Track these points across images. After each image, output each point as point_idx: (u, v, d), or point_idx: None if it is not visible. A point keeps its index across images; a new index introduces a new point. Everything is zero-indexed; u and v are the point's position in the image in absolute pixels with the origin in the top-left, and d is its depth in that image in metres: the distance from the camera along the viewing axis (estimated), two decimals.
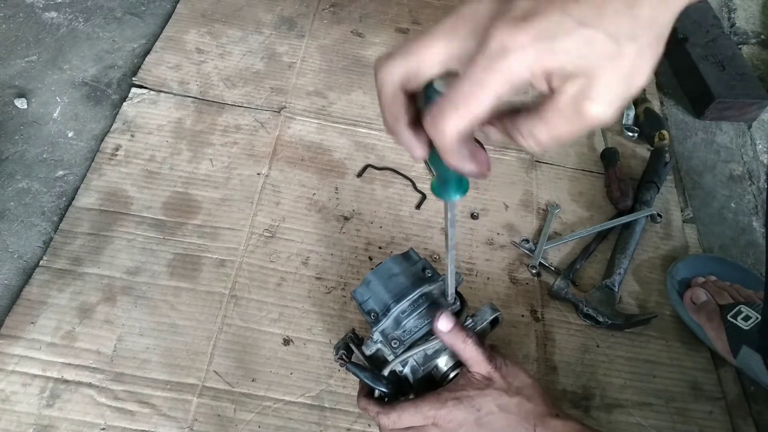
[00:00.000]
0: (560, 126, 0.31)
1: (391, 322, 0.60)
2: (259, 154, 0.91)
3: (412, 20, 1.14)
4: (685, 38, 1.12)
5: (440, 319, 0.57)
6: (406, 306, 0.60)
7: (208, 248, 0.81)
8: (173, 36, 1.04)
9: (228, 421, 0.69)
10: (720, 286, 0.79)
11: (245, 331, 0.75)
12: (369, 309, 0.61)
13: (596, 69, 0.28)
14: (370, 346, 0.60)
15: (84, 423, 0.67)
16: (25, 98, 0.93)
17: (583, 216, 0.91)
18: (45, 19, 1.04)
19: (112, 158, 0.88)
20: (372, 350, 0.61)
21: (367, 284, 0.62)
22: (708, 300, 0.77)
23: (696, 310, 0.78)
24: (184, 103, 0.96)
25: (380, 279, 0.62)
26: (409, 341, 0.59)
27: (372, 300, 0.62)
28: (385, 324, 0.59)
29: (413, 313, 0.60)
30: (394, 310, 0.59)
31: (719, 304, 0.76)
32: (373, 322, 0.60)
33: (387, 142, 0.95)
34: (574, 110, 0.30)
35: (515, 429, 0.55)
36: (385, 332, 0.60)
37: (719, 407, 0.76)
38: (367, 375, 0.59)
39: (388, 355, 0.59)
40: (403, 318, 0.60)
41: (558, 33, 0.28)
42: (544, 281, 0.83)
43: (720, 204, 0.97)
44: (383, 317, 0.59)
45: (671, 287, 0.82)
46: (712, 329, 0.75)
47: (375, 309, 0.61)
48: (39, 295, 0.75)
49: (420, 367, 0.60)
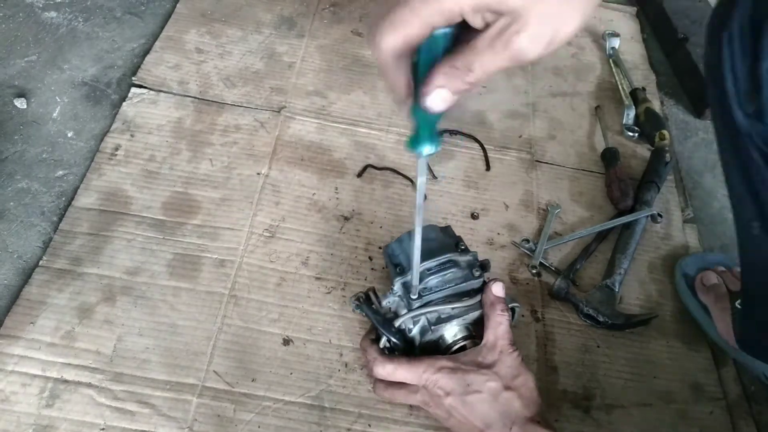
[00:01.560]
0: (491, 58, 0.35)
1: (415, 277, 0.60)
2: (259, 154, 0.91)
3: None
4: (685, 38, 1.12)
5: (496, 283, 0.58)
6: (433, 266, 0.61)
7: (208, 248, 0.81)
8: (173, 36, 1.04)
9: (228, 421, 0.69)
10: (734, 275, 0.79)
11: (245, 331, 0.75)
12: (397, 262, 0.62)
13: (522, 9, 0.32)
14: (389, 297, 0.61)
15: (84, 423, 0.67)
16: (25, 98, 0.93)
17: (584, 216, 0.91)
18: (44, 19, 1.04)
19: (112, 158, 0.88)
20: (389, 302, 0.61)
21: (401, 242, 0.64)
22: (719, 284, 0.78)
23: (705, 291, 0.78)
24: (184, 103, 0.95)
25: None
26: (427, 299, 0.60)
27: (401, 256, 0.63)
28: (408, 277, 0.60)
29: (437, 274, 0.61)
30: (420, 267, 0.59)
31: (730, 289, 0.76)
32: (398, 274, 0.61)
33: (387, 142, 0.95)
34: (503, 43, 0.33)
35: (493, 419, 0.55)
36: (406, 284, 0.61)
37: (720, 407, 0.75)
38: (378, 319, 0.60)
39: (402, 309, 0.60)
40: (427, 275, 0.61)
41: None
42: (544, 281, 0.83)
43: (720, 204, 0.97)
44: (408, 271, 0.60)
45: (680, 277, 0.83)
46: (718, 309, 0.76)
47: (402, 263, 0.62)
48: (38, 295, 0.74)
49: (429, 328, 0.60)
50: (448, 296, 0.61)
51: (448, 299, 0.61)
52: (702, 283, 0.79)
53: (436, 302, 0.60)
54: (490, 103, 1.02)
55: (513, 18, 0.33)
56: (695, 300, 0.80)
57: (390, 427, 0.70)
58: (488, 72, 0.36)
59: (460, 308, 0.61)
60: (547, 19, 0.33)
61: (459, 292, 0.64)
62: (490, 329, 0.59)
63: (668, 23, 1.16)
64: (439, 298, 0.61)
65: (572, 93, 1.07)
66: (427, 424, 0.71)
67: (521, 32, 0.33)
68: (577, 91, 1.07)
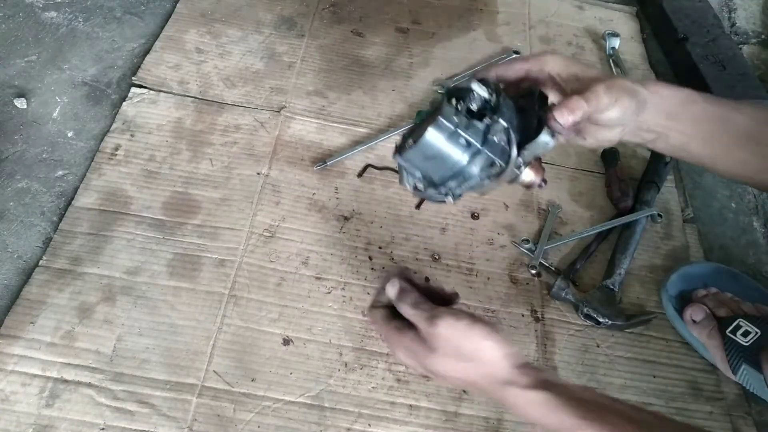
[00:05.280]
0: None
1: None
2: (259, 154, 0.91)
3: (412, 20, 1.14)
4: (685, 38, 1.12)
5: (388, 285, 0.59)
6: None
7: (208, 248, 0.81)
8: (173, 36, 1.04)
9: (227, 421, 0.69)
10: (720, 299, 0.77)
11: (245, 330, 0.75)
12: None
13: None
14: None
15: (83, 423, 0.67)
16: (25, 98, 0.93)
17: (584, 216, 0.91)
18: (44, 19, 1.04)
19: (112, 158, 0.88)
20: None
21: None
22: (708, 317, 0.76)
23: (696, 327, 0.77)
24: (184, 103, 0.96)
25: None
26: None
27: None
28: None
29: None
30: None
31: (718, 316, 0.75)
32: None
33: (387, 142, 0.95)
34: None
35: (471, 388, 0.55)
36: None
37: (719, 407, 0.75)
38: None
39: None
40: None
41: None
42: (544, 281, 0.83)
43: (720, 204, 0.97)
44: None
45: (666, 302, 0.81)
46: (713, 347, 0.75)
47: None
48: (38, 295, 0.75)
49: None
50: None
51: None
52: (691, 319, 0.77)
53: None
54: None
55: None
56: (686, 326, 0.78)
57: (390, 427, 0.70)
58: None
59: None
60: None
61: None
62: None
63: (668, 23, 1.16)
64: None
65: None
66: (427, 424, 0.71)
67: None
68: None
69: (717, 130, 0.58)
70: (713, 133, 0.58)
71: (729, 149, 0.59)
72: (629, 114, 0.54)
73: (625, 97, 0.53)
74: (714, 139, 0.58)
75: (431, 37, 1.12)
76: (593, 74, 0.55)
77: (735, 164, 0.60)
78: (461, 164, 0.51)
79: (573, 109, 0.51)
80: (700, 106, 0.57)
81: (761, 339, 0.71)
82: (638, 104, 0.55)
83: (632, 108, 0.54)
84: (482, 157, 0.50)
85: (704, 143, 0.58)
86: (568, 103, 0.51)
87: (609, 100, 0.52)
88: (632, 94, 0.54)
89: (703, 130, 0.57)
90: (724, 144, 0.58)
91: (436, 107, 0.52)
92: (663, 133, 0.57)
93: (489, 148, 0.50)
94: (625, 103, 0.53)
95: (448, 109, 0.49)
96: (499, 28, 1.15)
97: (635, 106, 0.54)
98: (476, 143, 0.50)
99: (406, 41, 1.10)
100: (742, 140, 0.58)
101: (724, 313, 0.75)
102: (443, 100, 0.51)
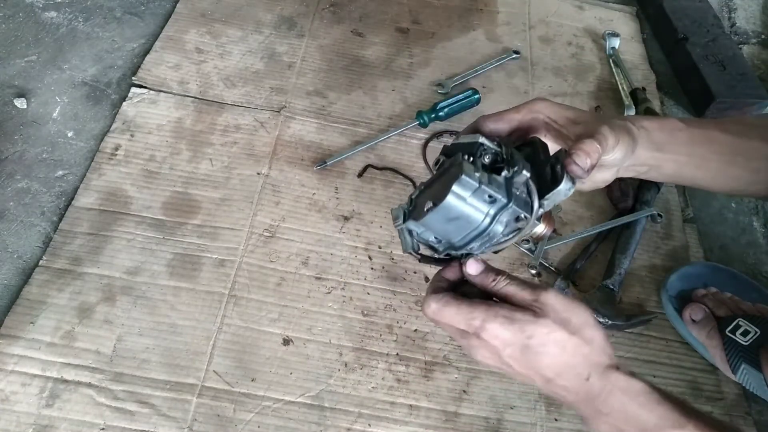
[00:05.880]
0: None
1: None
2: (259, 154, 0.91)
3: (412, 20, 1.14)
4: (685, 38, 1.12)
5: (469, 264, 0.51)
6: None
7: (208, 248, 0.81)
8: (173, 36, 1.04)
9: (227, 421, 0.69)
10: (720, 299, 0.77)
11: (245, 331, 0.75)
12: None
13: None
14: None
15: (83, 423, 0.67)
16: (25, 98, 0.93)
17: (583, 216, 0.91)
18: (44, 19, 1.04)
19: (112, 158, 0.88)
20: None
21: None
22: (707, 317, 0.76)
23: (695, 327, 0.77)
24: (184, 103, 0.96)
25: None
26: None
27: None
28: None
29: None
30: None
31: (717, 316, 0.75)
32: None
33: (387, 142, 0.95)
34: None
35: (564, 371, 0.49)
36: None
37: (719, 407, 0.76)
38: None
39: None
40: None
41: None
42: (544, 281, 0.83)
43: (720, 204, 0.97)
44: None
45: (666, 302, 0.81)
46: (713, 347, 0.75)
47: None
48: (38, 295, 0.75)
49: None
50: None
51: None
52: (691, 319, 0.77)
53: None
54: (490, 103, 1.02)
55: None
56: (686, 330, 0.78)
57: (390, 427, 0.70)
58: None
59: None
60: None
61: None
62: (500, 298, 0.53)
63: (668, 23, 1.16)
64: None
65: (572, 93, 1.07)
66: (427, 424, 0.71)
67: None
68: (577, 91, 1.07)
69: (706, 152, 0.59)
70: (703, 157, 0.59)
71: (720, 168, 0.60)
72: (628, 153, 0.55)
73: (625, 136, 0.53)
74: (704, 161, 0.59)
75: (431, 37, 1.12)
76: (587, 117, 0.55)
77: (728, 181, 0.62)
78: (486, 223, 0.47)
79: (589, 152, 0.50)
80: (686, 133, 0.58)
81: (761, 338, 0.71)
82: (633, 142, 0.55)
83: (631, 147, 0.55)
84: (509, 212, 0.47)
85: (696, 167, 0.59)
86: (584, 147, 0.50)
87: (614, 142, 0.52)
88: (629, 133, 0.54)
89: (692, 155, 0.59)
90: (715, 164, 0.60)
91: (436, 174, 0.50)
92: (655, 165, 0.58)
93: (515, 202, 0.47)
94: (626, 142, 0.54)
95: (467, 166, 0.46)
96: (499, 28, 1.15)
97: (632, 144, 0.55)
98: (502, 198, 0.46)
99: (406, 41, 1.10)
100: (731, 158, 0.60)
101: (723, 313, 0.75)
102: (457, 159, 0.48)
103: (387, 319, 0.78)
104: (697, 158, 0.59)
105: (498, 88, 1.05)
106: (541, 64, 1.10)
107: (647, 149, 0.56)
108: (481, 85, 1.04)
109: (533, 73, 1.09)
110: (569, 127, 0.55)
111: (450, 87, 1.03)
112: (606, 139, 0.51)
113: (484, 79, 1.06)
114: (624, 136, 0.53)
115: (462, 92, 0.99)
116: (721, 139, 0.59)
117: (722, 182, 0.62)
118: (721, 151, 0.60)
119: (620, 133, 0.53)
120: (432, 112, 0.96)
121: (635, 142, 0.55)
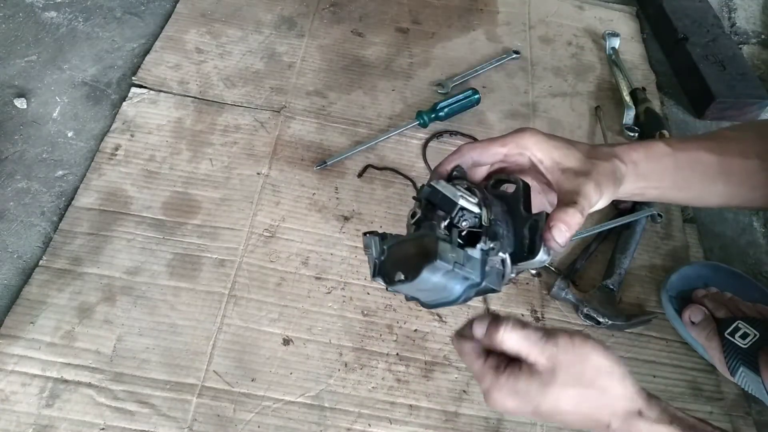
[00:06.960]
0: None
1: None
2: (259, 154, 0.91)
3: (412, 20, 1.14)
4: (685, 38, 1.12)
5: (474, 326, 0.49)
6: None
7: (208, 248, 0.81)
8: (173, 36, 1.04)
9: (227, 421, 0.69)
10: (719, 300, 0.77)
11: (245, 331, 0.75)
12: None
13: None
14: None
15: (83, 423, 0.67)
16: (25, 98, 0.93)
17: None
18: (44, 19, 1.04)
19: (112, 158, 0.88)
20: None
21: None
22: (706, 318, 0.75)
23: (695, 329, 0.77)
24: (184, 103, 0.96)
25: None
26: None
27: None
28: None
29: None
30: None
31: (717, 318, 0.75)
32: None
33: (387, 142, 0.95)
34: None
35: (584, 422, 0.47)
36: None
37: (719, 407, 0.75)
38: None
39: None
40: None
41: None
42: (544, 281, 0.83)
43: None
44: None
45: (666, 302, 0.81)
46: (712, 349, 0.75)
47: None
48: (38, 295, 0.75)
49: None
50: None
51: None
52: (690, 321, 0.77)
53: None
54: (490, 103, 1.02)
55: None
56: (686, 331, 0.78)
57: (390, 427, 0.70)
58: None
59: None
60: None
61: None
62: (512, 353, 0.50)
63: (668, 23, 1.16)
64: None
65: (572, 93, 1.07)
66: (427, 424, 0.71)
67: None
68: (577, 91, 1.07)
69: (688, 175, 0.59)
70: (686, 179, 0.59)
71: (704, 188, 0.60)
72: (612, 197, 0.54)
73: (610, 187, 0.52)
74: (687, 184, 0.59)
75: (431, 37, 1.12)
76: (575, 161, 0.52)
77: (713, 198, 0.62)
78: (456, 295, 0.48)
79: (570, 225, 0.48)
80: (671, 159, 0.57)
81: (760, 341, 0.71)
82: (618, 184, 0.54)
83: (615, 192, 0.54)
84: (480, 288, 0.48)
85: (679, 190, 0.59)
86: (565, 218, 0.48)
87: (597, 197, 0.51)
88: (615, 181, 0.53)
89: (675, 179, 0.58)
90: (698, 185, 0.60)
91: (421, 221, 0.50)
92: (639, 193, 0.58)
93: (487, 279, 0.47)
94: (610, 192, 0.53)
95: (443, 246, 0.45)
96: (499, 28, 1.15)
97: (617, 188, 0.54)
98: (476, 279, 0.46)
99: (406, 41, 1.10)
100: (713, 177, 0.60)
101: (723, 315, 0.75)
102: (434, 231, 0.47)
103: (387, 319, 0.78)
104: (681, 181, 0.59)
105: (498, 88, 1.05)
106: (541, 64, 1.10)
107: (632, 182, 0.56)
108: (481, 85, 1.04)
109: (533, 73, 1.09)
110: (555, 173, 0.53)
111: (450, 87, 1.03)
112: (589, 199, 0.50)
113: (484, 79, 1.06)
114: (609, 187, 0.52)
115: (462, 92, 0.99)
116: (704, 159, 0.59)
117: (707, 200, 0.63)
118: (704, 171, 0.59)
119: (606, 184, 0.52)
120: (432, 112, 0.96)
121: (621, 183, 0.54)
